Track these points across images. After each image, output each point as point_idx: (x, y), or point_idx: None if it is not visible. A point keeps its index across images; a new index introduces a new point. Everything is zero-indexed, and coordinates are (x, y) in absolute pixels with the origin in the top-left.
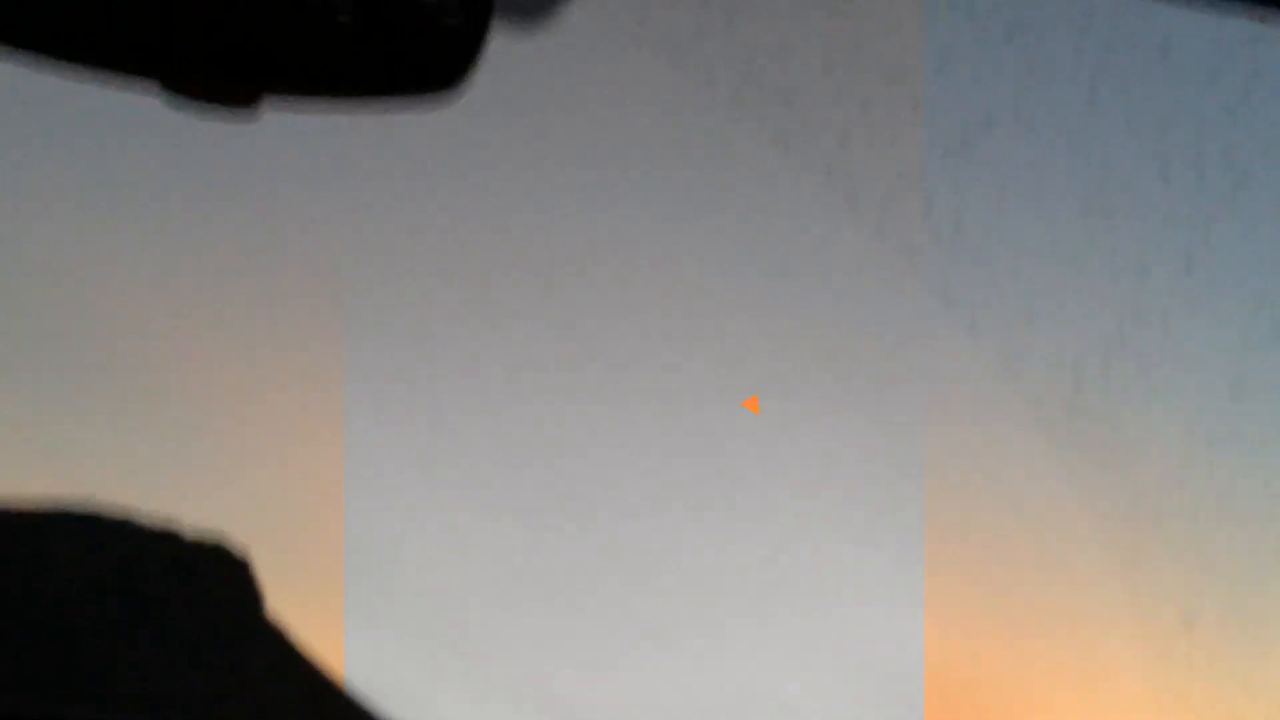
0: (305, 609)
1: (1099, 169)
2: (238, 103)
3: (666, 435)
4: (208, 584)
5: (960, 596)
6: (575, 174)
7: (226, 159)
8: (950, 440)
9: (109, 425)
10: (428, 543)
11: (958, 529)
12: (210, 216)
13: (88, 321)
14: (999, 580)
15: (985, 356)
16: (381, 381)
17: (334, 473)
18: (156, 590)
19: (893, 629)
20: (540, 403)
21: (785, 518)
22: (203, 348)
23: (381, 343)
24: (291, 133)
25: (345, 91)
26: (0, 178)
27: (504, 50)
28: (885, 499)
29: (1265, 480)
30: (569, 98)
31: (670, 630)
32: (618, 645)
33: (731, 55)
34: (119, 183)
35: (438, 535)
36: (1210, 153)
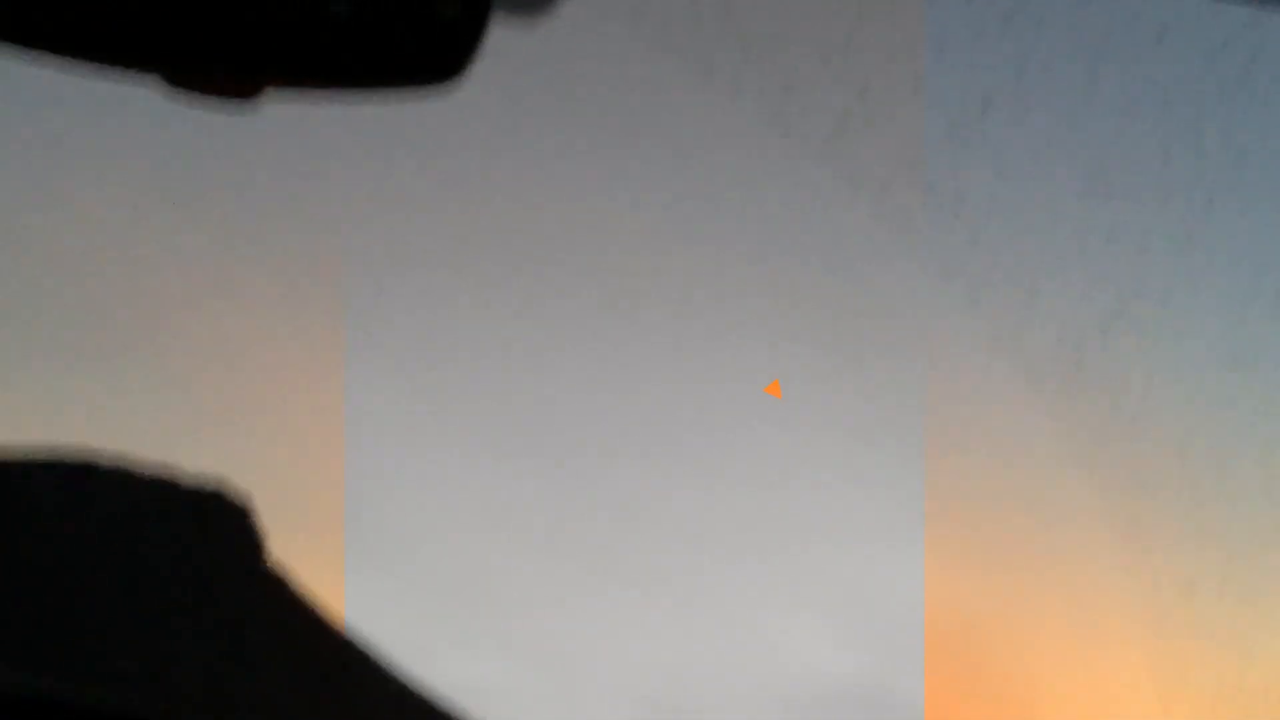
0: (305, 559)
1: (1099, 148)
2: (239, 96)
3: (669, 395)
4: (206, 535)
5: (961, 565)
6: (578, 158)
7: (227, 142)
8: (952, 410)
9: (111, 378)
10: (429, 493)
11: (958, 499)
12: (218, 190)
13: (96, 287)
14: (1001, 547)
15: (986, 331)
16: (382, 347)
17: (333, 426)
18: (152, 543)
19: (899, 608)
20: (538, 353)
21: (788, 484)
22: (207, 305)
23: (383, 307)
24: (293, 117)
25: (342, 82)
26: (26, 166)
27: (503, 40)
28: (888, 466)
29: (1263, 450)
30: (570, 86)
31: (671, 577)
32: (619, 592)
33: (731, 41)
34: (137, 165)
35: (439, 486)
36: (1208, 132)
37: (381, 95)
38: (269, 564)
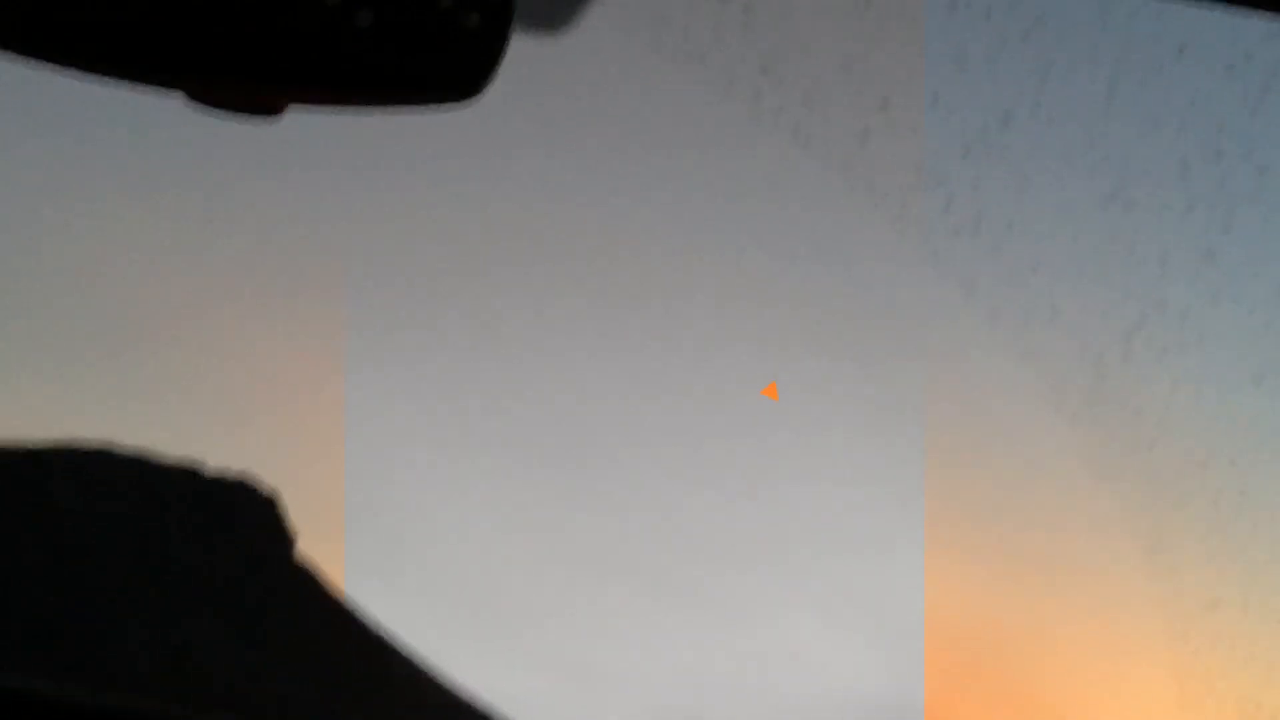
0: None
1: (1119, 163)
2: (263, 111)
3: (678, 408)
4: (231, 527)
5: (983, 580)
6: (594, 168)
7: (234, 139)
8: (973, 425)
9: (113, 377)
10: (434, 500)
11: (981, 515)
12: (221, 190)
13: (103, 284)
14: (1025, 563)
15: (1006, 346)
16: (383, 357)
17: (334, 428)
18: (175, 534)
19: (919, 622)
20: (547, 358)
21: (798, 500)
22: (207, 306)
23: (386, 309)
24: (300, 126)
25: (364, 94)
26: (40, 169)
27: (523, 52)
28: (906, 482)
29: None
30: (590, 98)
31: (675, 585)
32: (625, 600)
33: (751, 54)
34: (144, 169)
35: (444, 492)
36: (1229, 146)
37: (402, 107)
38: (296, 556)
